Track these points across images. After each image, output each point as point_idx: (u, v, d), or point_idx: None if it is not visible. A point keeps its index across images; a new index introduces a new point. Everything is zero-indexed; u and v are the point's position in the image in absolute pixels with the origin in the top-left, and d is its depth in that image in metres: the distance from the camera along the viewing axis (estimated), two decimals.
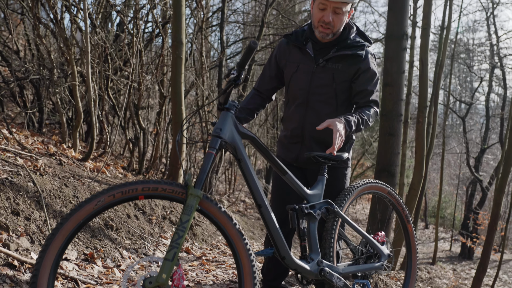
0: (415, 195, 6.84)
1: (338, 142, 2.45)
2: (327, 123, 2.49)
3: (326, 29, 2.64)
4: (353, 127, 2.56)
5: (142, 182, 2.04)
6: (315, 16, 2.66)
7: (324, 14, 2.60)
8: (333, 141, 2.44)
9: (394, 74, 4.68)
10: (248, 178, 2.32)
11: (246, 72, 2.56)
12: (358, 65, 2.69)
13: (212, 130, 2.30)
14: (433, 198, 29.09)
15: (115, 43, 7.04)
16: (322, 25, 2.64)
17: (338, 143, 2.45)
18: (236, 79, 2.23)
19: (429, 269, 14.07)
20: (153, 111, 10.24)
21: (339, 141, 2.46)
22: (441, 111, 20.33)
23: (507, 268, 19.49)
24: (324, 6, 2.59)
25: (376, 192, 2.89)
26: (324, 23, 2.62)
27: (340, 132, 2.46)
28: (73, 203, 3.95)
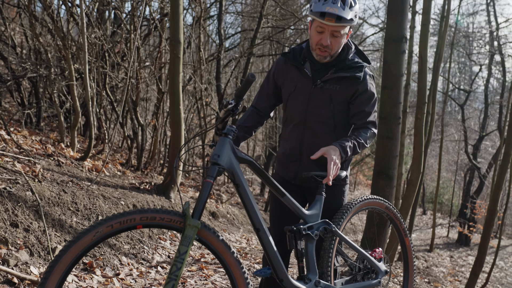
0: (413, 190, 6.84)
1: (333, 171, 2.46)
2: (322, 152, 2.49)
3: (324, 52, 2.61)
4: (348, 153, 2.56)
5: (140, 211, 2.04)
6: (313, 39, 2.63)
7: (322, 37, 2.57)
8: (328, 171, 2.45)
9: (393, 77, 4.66)
10: (246, 203, 2.33)
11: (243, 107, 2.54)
12: (356, 87, 2.67)
13: (210, 150, 2.30)
14: (431, 184, 29.25)
15: (111, 38, 6.98)
16: (320, 48, 2.60)
17: (333, 173, 2.46)
18: (233, 109, 2.23)
19: (426, 256, 14.18)
20: (151, 103, 10.21)
21: (334, 171, 2.47)
22: (440, 99, 20.30)
23: (503, 254, 19.67)
24: (322, 29, 2.55)
25: (374, 207, 2.90)
26: (322, 46, 2.59)
27: (335, 161, 2.47)
28: (71, 209, 3.97)
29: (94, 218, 4.12)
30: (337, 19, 2.46)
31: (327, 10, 2.45)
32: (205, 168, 2.32)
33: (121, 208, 4.60)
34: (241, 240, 6.95)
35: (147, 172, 7.38)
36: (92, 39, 5.95)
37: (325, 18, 2.46)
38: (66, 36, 5.66)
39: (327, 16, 2.46)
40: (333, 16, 2.45)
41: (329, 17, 2.46)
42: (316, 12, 2.49)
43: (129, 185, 5.70)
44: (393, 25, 4.66)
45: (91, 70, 6.13)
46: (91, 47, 5.98)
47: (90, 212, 4.15)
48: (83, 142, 7.46)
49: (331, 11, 2.45)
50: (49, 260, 3.26)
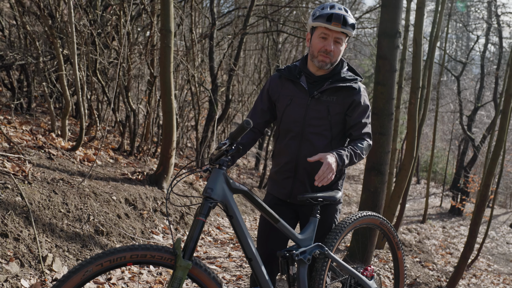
0: (405, 175, 6.88)
1: (325, 174, 2.43)
2: (319, 156, 2.48)
3: (326, 58, 2.64)
4: (345, 161, 2.55)
5: (130, 249, 2.03)
6: (316, 46, 2.65)
7: (325, 44, 2.62)
8: (319, 172, 2.43)
9: (386, 73, 4.59)
10: (239, 234, 2.34)
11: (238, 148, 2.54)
12: (352, 98, 2.69)
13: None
14: (426, 153, 29.38)
15: (101, 21, 6.83)
16: (322, 54, 2.64)
17: (327, 176, 2.43)
18: (228, 149, 2.24)
19: (419, 228, 14.37)
20: (144, 83, 10.10)
21: (326, 173, 2.44)
22: (437, 70, 20.16)
23: (495, 224, 19.95)
24: (326, 35, 2.61)
25: (368, 224, 2.91)
26: (325, 52, 2.63)
27: (330, 166, 2.44)
28: (62, 211, 3.96)
29: (86, 218, 4.12)
30: (343, 24, 2.56)
31: (334, 12, 2.55)
32: (198, 203, 2.30)
33: (113, 205, 4.60)
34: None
35: (140, 157, 7.36)
36: (81, 26, 5.81)
37: (332, 23, 2.55)
38: (54, 25, 5.53)
39: (334, 19, 2.55)
40: (339, 19, 2.55)
41: (335, 20, 2.55)
42: (322, 16, 2.58)
43: (121, 176, 5.69)
44: (387, 19, 4.56)
45: (81, 56, 6.01)
46: (79, 34, 5.85)
47: (82, 212, 4.14)
48: (75, 125, 7.40)
49: (339, 12, 2.56)
50: (40, 270, 3.28)
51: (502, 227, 19.80)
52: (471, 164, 19.29)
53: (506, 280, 10.96)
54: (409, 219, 16.00)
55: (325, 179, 2.44)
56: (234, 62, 8.76)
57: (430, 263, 8.58)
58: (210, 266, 4.54)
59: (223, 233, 6.35)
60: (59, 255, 3.57)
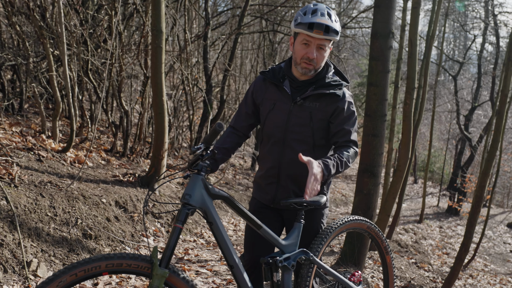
0: (400, 176, 6.83)
1: (313, 186, 2.38)
2: (308, 159, 2.41)
3: (309, 65, 2.55)
4: (332, 171, 2.48)
5: (106, 258, 1.97)
6: (298, 53, 2.55)
7: (308, 51, 2.51)
8: (307, 184, 2.37)
9: (379, 74, 4.53)
10: (219, 241, 2.28)
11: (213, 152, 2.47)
12: (335, 104, 2.60)
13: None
14: (423, 152, 29.37)
15: (92, 21, 6.76)
16: (305, 61, 2.54)
17: (314, 188, 2.38)
18: (202, 153, 2.18)
19: (416, 228, 14.31)
20: (139, 81, 10.02)
21: (314, 185, 2.38)
22: (434, 70, 20.12)
23: (492, 224, 19.92)
24: (308, 42, 2.50)
25: (355, 228, 2.85)
26: (308, 60, 2.53)
27: (316, 176, 2.38)
28: (49, 215, 3.89)
29: (73, 222, 4.05)
30: (325, 31, 2.44)
31: (316, 21, 2.43)
32: (175, 211, 2.25)
33: (102, 208, 4.54)
34: (228, 226, 6.95)
35: (133, 158, 7.29)
36: (71, 26, 5.74)
37: (313, 31, 2.43)
38: (43, 26, 5.46)
39: (315, 28, 2.43)
40: (321, 28, 2.43)
41: (317, 28, 2.43)
42: (303, 24, 2.46)
43: (112, 178, 5.62)
44: (379, 19, 4.50)
45: (71, 57, 5.95)
46: (70, 35, 5.78)
47: (69, 216, 4.08)
48: (67, 126, 7.33)
49: (320, 21, 2.43)
50: (24, 276, 3.21)
51: (499, 227, 19.78)
52: (468, 164, 19.27)
53: (503, 280, 10.92)
54: (406, 219, 15.96)
55: (313, 192, 2.38)
56: (228, 63, 8.69)
57: (426, 264, 8.53)
58: (200, 270, 4.48)
59: None
60: (44, 260, 3.50)
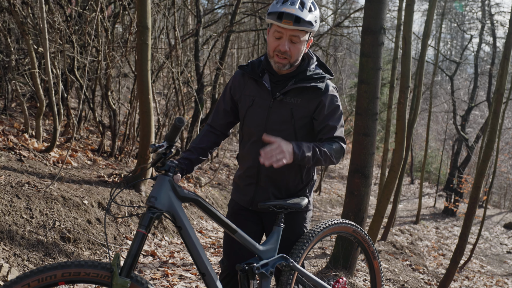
0: (394, 177, 6.68)
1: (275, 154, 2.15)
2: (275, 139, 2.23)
3: (283, 59, 2.35)
4: (305, 151, 2.24)
5: (62, 266, 1.81)
6: (271, 45, 2.38)
7: (280, 43, 2.32)
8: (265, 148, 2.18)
9: (370, 71, 4.37)
10: (189, 247, 2.12)
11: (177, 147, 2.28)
12: (318, 99, 2.42)
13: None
14: (420, 153, 29.25)
15: (79, 18, 6.59)
16: (278, 55, 2.35)
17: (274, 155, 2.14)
18: (165, 152, 2.01)
19: (412, 229, 14.19)
20: (129, 80, 9.86)
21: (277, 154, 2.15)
22: (430, 70, 20.00)
23: (488, 224, 19.79)
24: (280, 34, 2.31)
25: (340, 232, 2.69)
26: (280, 53, 2.34)
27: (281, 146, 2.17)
28: (24, 217, 3.73)
29: (51, 225, 3.89)
30: (295, 22, 2.23)
31: (283, 10, 2.23)
32: (138, 215, 2.08)
33: (83, 210, 4.36)
34: (218, 228, 6.78)
35: (121, 158, 7.13)
36: (55, 22, 5.57)
37: (282, 21, 2.24)
38: (25, 21, 5.29)
39: (284, 18, 2.23)
40: (290, 18, 2.23)
41: (286, 19, 2.23)
42: (273, 13, 2.26)
43: (96, 179, 5.46)
44: (371, 14, 4.34)
45: (56, 54, 5.78)
46: (54, 31, 5.61)
47: (47, 218, 3.91)
48: (51, 123, 7.15)
49: (288, 11, 2.22)
50: None
51: (496, 228, 19.66)
52: (465, 164, 19.16)
53: (500, 282, 10.79)
54: (402, 220, 15.82)
55: (272, 158, 2.16)
56: (220, 61, 8.53)
57: (421, 266, 8.39)
58: (184, 274, 4.32)
59: (205, 237, 6.13)
60: (17, 265, 3.34)
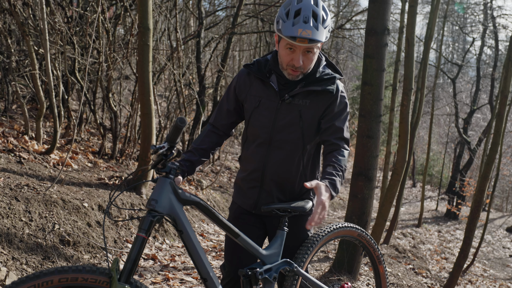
0: (397, 179, 6.61)
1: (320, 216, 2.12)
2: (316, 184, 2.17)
3: (296, 72, 2.31)
4: (338, 189, 2.25)
5: (59, 271, 1.75)
6: (284, 58, 2.30)
7: (293, 57, 2.26)
8: (312, 215, 2.13)
9: (374, 72, 4.32)
10: (191, 251, 2.07)
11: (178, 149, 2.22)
12: (328, 101, 2.38)
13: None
14: (422, 156, 29.18)
15: (80, 20, 6.55)
16: (291, 69, 2.30)
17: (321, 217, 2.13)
18: (166, 153, 1.95)
19: (414, 233, 14.12)
20: (131, 82, 9.81)
21: (321, 215, 2.12)
22: (432, 73, 19.95)
23: (491, 228, 19.69)
24: (293, 47, 2.25)
25: (345, 236, 2.63)
26: (293, 67, 2.29)
27: (324, 204, 2.13)
28: (23, 220, 3.67)
29: (50, 228, 3.83)
30: (310, 41, 2.18)
31: (299, 35, 2.15)
32: (138, 218, 2.03)
33: (83, 213, 4.31)
34: (219, 231, 6.72)
35: (122, 160, 7.08)
36: (56, 24, 5.53)
37: (296, 39, 2.17)
38: (26, 22, 5.25)
39: (299, 37, 2.16)
40: (305, 38, 2.16)
41: (301, 38, 2.17)
42: (286, 32, 2.19)
43: (97, 181, 5.40)
44: (375, 15, 4.29)
45: (56, 56, 5.74)
46: (55, 32, 5.57)
47: (46, 221, 3.86)
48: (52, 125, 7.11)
49: (304, 35, 2.15)
50: None
51: (498, 231, 19.56)
52: (467, 168, 19.07)
53: (503, 286, 10.71)
54: (404, 223, 15.75)
55: (319, 222, 2.16)
56: (222, 63, 8.49)
57: (424, 270, 8.31)
58: (185, 278, 4.27)
59: (207, 241, 6.07)
60: (15, 269, 3.28)
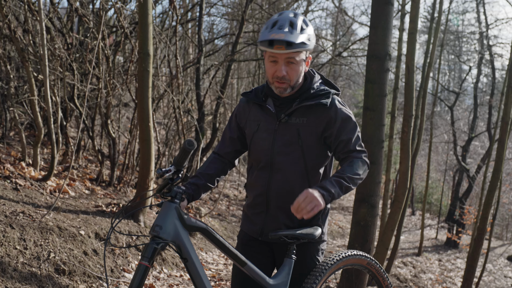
0: (399, 207, 6.53)
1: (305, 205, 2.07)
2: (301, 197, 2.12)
3: (282, 84, 2.27)
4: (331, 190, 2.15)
5: None
6: (268, 71, 2.29)
7: (276, 69, 2.24)
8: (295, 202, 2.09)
9: (375, 98, 4.30)
10: (196, 281, 2.00)
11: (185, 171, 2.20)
12: (326, 116, 2.32)
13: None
14: (420, 184, 29.08)
15: (81, 47, 6.55)
16: (277, 80, 2.27)
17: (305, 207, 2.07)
18: (173, 177, 1.89)
19: (415, 262, 13.95)
20: (129, 109, 9.80)
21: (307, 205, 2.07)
22: (429, 100, 20.05)
23: (492, 257, 19.45)
24: (275, 58, 2.22)
25: (354, 265, 2.55)
26: (278, 78, 2.25)
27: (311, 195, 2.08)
28: (18, 248, 3.57)
29: (45, 256, 3.72)
30: (287, 46, 2.14)
31: (272, 37, 2.13)
32: (142, 245, 1.94)
33: (80, 241, 4.21)
34: (218, 260, 6.59)
35: (120, 188, 6.99)
36: (56, 50, 5.52)
37: (274, 47, 2.15)
38: (25, 48, 5.24)
39: (275, 44, 2.14)
40: (281, 43, 2.13)
41: (278, 44, 2.14)
42: (263, 41, 2.17)
43: (94, 209, 5.31)
44: (376, 41, 4.30)
45: (55, 82, 5.71)
46: (55, 58, 5.56)
47: (41, 249, 3.75)
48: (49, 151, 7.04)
49: (278, 37, 2.13)
50: None
51: (499, 260, 19.33)
52: (466, 195, 18.97)
53: None
54: (404, 252, 15.57)
55: (304, 211, 2.08)
56: (221, 89, 8.49)
57: None
58: None
59: (206, 270, 5.93)
60: None
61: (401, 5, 12.07)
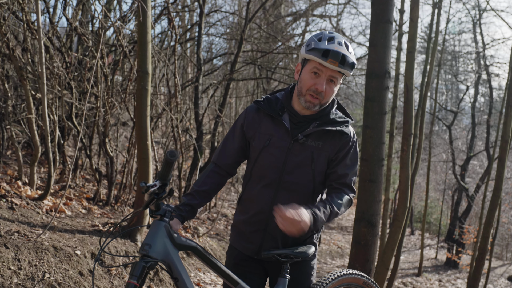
0: (399, 226, 6.46)
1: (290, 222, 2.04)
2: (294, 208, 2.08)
3: (315, 99, 2.23)
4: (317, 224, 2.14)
5: None
6: (305, 82, 2.24)
7: (317, 82, 2.20)
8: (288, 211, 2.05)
9: (375, 116, 4.29)
10: None
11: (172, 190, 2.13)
12: (340, 145, 2.31)
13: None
14: (419, 203, 28.97)
15: (79, 66, 6.55)
16: (312, 94, 2.22)
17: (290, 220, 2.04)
18: (158, 191, 1.85)
19: (415, 282, 13.83)
20: (127, 128, 9.77)
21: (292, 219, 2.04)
22: (428, 120, 20.09)
23: (492, 277, 19.27)
24: (319, 71, 2.19)
25: (350, 284, 2.50)
26: (315, 92, 2.22)
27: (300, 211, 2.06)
28: (12, 269, 3.50)
29: (40, 277, 3.65)
30: (340, 62, 2.13)
31: (332, 48, 2.12)
32: (130, 263, 1.89)
33: (75, 261, 4.13)
34: (216, 281, 6.49)
35: (117, 207, 6.91)
36: (55, 68, 5.51)
37: (328, 59, 2.12)
38: (24, 67, 5.23)
39: (330, 57, 2.12)
40: (337, 57, 2.11)
41: (332, 58, 2.11)
42: (318, 50, 2.13)
43: (91, 228, 5.24)
44: (375, 58, 4.30)
45: (53, 100, 5.69)
46: (53, 77, 5.55)
47: (36, 269, 3.68)
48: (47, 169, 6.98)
49: (338, 49, 2.12)
50: None
51: (500, 280, 19.15)
52: (466, 215, 18.89)
53: None
54: (404, 272, 15.41)
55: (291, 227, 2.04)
56: (220, 108, 8.48)
57: None
58: None
59: None
60: None
61: (398, 25, 12.18)
